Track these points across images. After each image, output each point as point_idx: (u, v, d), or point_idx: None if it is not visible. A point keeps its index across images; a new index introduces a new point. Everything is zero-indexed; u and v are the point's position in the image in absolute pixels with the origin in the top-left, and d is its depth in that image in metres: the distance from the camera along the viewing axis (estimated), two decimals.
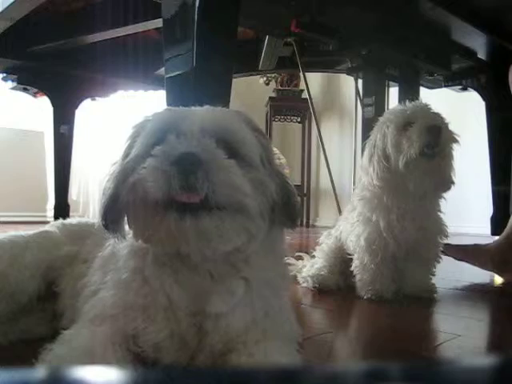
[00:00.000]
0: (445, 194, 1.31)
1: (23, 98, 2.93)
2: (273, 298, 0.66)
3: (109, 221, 0.63)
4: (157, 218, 0.57)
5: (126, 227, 0.63)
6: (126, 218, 0.63)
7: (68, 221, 0.94)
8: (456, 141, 1.24)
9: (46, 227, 0.90)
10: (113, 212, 0.62)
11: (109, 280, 0.67)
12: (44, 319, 0.82)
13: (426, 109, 1.25)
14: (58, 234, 0.87)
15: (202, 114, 0.63)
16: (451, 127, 1.26)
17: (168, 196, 0.55)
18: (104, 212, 0.62)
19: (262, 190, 0.61)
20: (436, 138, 1.19)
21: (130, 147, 0.64)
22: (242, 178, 0.58)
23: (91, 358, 0.57)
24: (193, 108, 0.66)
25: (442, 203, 1.32)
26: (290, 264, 1.49)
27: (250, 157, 0.61)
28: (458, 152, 1.28)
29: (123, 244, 0.67)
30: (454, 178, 1.26)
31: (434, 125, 1.20)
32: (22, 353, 0.73)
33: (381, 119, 1.30)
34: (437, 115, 1.25)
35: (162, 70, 2.37)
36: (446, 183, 1.27)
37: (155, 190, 0.55)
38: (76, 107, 2.77)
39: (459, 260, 1.70)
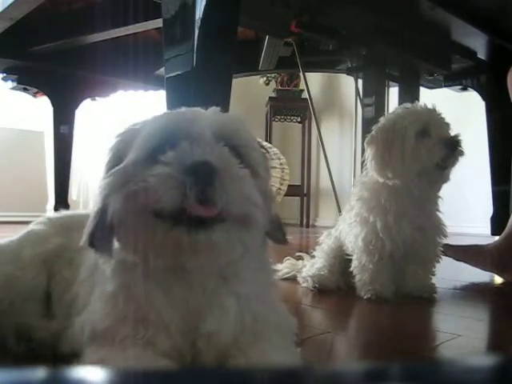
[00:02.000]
0: (444, 194, 1.31)
1: (23, 98, 2.93)
2: (261, 308, 0.64)
3: (97, 239, 0.58)
4: (163, 229, 0.53)
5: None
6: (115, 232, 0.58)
7: (54, 214, 0.92)
8: (463, 154, 1.25)
9: (30, 226, 0.89)
10: (102, 229, 0.58)
11: (96, 292, 0.64)
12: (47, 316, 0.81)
13: (441, 118, 1.26)
14: (45, 228, 0.86)
15: (211, 117, 0.60)
16: (451, 128, 1.27)
17: (180, 207, 0.52)
18: (92, 230, 0.58)
19: (268, 201, 0.59)
20: (453, 151, 1.22)
21: (115, 159, 0.59)
22: (254, 189, 0.56)
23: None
24: (198, 110, 0.62)
25: (442, 203, 1.32)
26: (276, 270, 1.48)
27: (257, 163, 0.59)
28: None
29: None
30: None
31: (455, 139, 1.22)
32: (22, 353, 0.73)
33: (399, 112, 1.29)
34: (448, 125, 1.26)
35: (162, 70, 2.37)
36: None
37: (167, 200, 0.51)
38: (76, 107, 2.77)
39: (459, 260, 1.70)
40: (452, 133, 1.25)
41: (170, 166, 0.53)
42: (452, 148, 1.21)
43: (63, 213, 0.93)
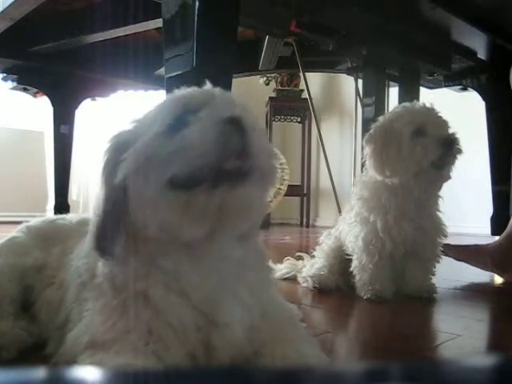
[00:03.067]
0: (445, 194, 1.31)
1: (23, 98, 2.93)
2: (265, 298, 0.65)
3: (103, 240, 0.58)
4: (203, 192, 0.53)
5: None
6: (134, 214, 0.57)
7: (33, 222, 0.89)
8: (461, 152, 1.25)
9: (13, 232, 0.87)
10: (109, 225, 0.57)
11: (90, 307, 0.62)
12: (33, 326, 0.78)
13: (437, 117, 1.25)
14: (25, 238, 0.85)
15: (224, 93, 0.61)
16: (453, 129, 1.26)
17: (221, 160, 0.52)
18: (99, 231, 0.57)
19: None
20: (449, 150, 1.21)
21: (112, 162, 0.58)
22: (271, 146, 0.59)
23: None
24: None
25: (442, 203, 1.32)
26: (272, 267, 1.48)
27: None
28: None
29: (106, 271, 0.62)
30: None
31: (450, 137, 1.21)
32: (22, 354, 0.73)
33: (396, 111, 1.29)
34: (446, 123, 1.25)
35: (161, 70, 2.36)
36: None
37: (213, 150, 0.52)
38: (76, 107, 2.77)
39: (459, 260, 1.70)
40: (450, 131, 1.25)
41: (207, 120, 0.54)
42: (448, 146, 1.21)
43: (43, 220, 0.90)
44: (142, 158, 0.55)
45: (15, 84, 2.60)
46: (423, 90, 2.42)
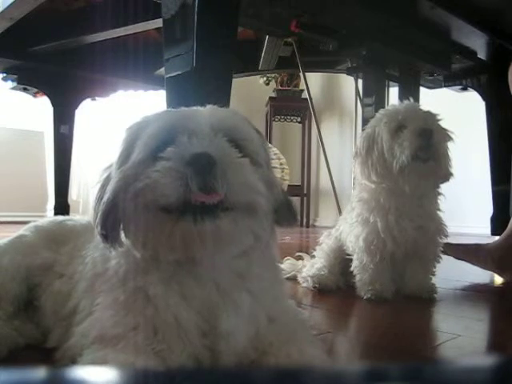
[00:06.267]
0: (445, 194, 1.31)
1: (23, 98, 2.93)
2: (274, 306, 0.65)
3: (109, 230, 0.60)
4: (170, 222, 0.55)
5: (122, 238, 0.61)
6: (123, 229, 0.60)
7: (42, 223, 0.90)
8: (450, 139, 1.24)
9: (21, 231, 0.88)
10: (111, 221, 0.59)
11: (102, 301, 0.63)
12: (28, 326, 0.79)
13: (417, 111, 1.24)
14: (33, 238, 0.85)
15: (209, 113, 0.62)
16: (449, 126, 1.26)
17: (184, 198, 0.54)
18: (103, 221, 0.59)
19: (271, 189, 0.60)
20: (428, 141, 1.19)
21: (127, 151, 0.61)
22: (255, 177, 0.57)
23: None
24: (195, 108, 0.64)
25: (442, 203, 1.32)
26: (282, 269, 1.48)
27: (257, 154, 0.61)
28: (457, 152, 1.28)
29: (114, 262, 0.64)
30: (451, 170, 1.26)
31: (425, 128, 1.19)
32: (21, 354, 0.73)
33: (377, 116, 1.30)
34: (428, 115, 1.24)
35: (162, 70, 2.37)
36: (443, 177, 1.27)
37: (171, 192, 0.53)
38: (76, 107, 2.77)
39: (459, 259, 1.70)
40: (445, 126, 1.24)
41: (171, 160, 0.55)
42: (425, 137, 1.18)
43: (51, 220, 0.91)
44: (126, 182, 0.58)
45: (15, 84, 2.60)
46: (423, 90, 2.42)
